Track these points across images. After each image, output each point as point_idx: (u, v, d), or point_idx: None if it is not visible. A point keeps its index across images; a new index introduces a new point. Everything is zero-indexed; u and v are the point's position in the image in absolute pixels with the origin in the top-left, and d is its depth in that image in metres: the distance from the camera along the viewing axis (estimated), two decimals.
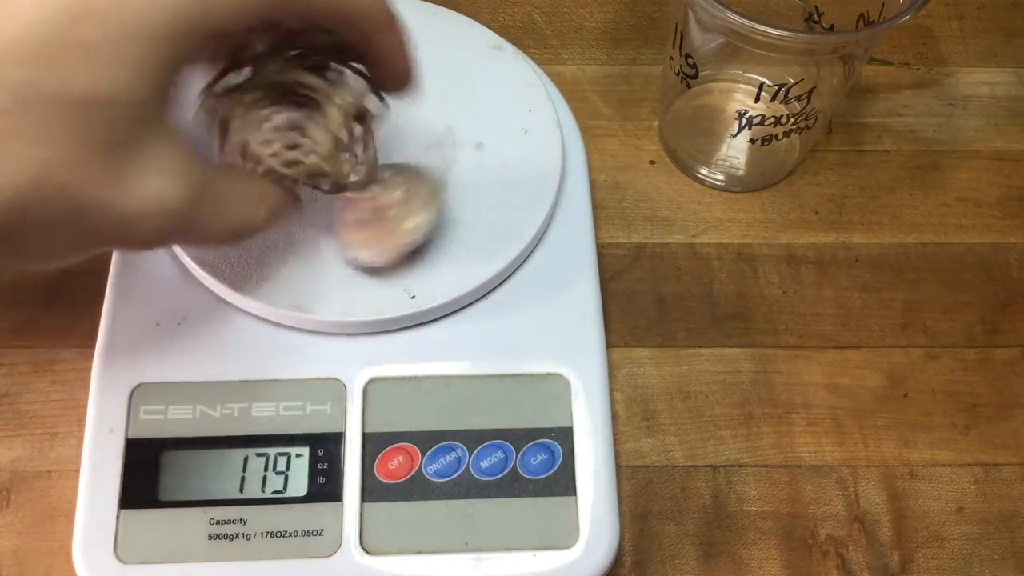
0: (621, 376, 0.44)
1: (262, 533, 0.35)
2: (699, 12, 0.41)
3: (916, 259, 0.48)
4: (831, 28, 0.45)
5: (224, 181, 0.27)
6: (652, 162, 0.51)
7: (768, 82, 0.45)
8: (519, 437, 0.36)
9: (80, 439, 0.36)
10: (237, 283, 0.37)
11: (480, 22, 0.45)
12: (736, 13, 0.37)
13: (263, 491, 0.35)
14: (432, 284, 0.37)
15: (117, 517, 0.34)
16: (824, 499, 0.41)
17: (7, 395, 0.42)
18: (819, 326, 0.45)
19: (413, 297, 0.36)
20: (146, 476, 0.35)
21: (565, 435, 0.37)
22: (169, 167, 0.24)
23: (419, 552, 0.35)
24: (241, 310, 0.37)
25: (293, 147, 0.27)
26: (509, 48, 0.44)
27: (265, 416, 0.36)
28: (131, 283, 0.38)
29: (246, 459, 0.35)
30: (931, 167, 0.51)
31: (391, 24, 0.28)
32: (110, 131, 0.22)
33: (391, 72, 0.30)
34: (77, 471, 0.35)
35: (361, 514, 0.35)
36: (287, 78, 0.26)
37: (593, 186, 0.45)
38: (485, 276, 0.38)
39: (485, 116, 0.42)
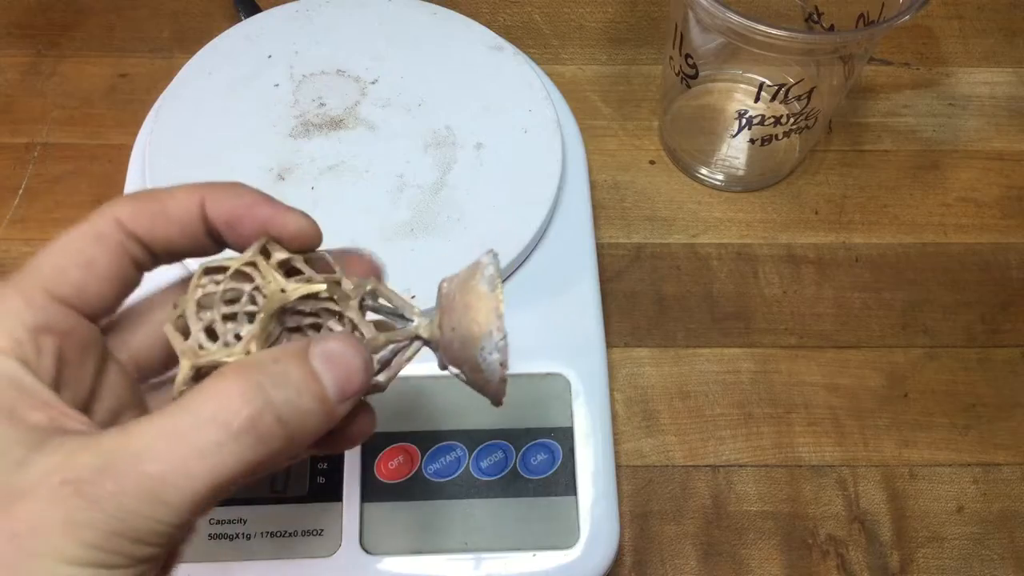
0: (621, 376, 0.44)
1: (262, 533, 0.35)
2: (699, 12, 0.41)
3: (916, 259, 0.48)
4: (831, 28, 0.45)
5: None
6: (652, 162, 0.51)
7: (768, 82, 0.45)
8: (519, 437, 0.36)
9: None
10: None
11: (480, 22, 0.45)
12: (736, 13, 0.37)
13: (263, 491, 0.35)
14: (432, 284, 0.37)
15: None
16: (824, 499, 0.41)
17: None
18: (819, 326, 0.45)
19: (413, 297, 0.36)
20: None
21: (565, 435, 0.37)
22: None
23: (419, 552, 0.35)
24: None
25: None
26: (509, 48, 0.44)
27: None
28: None
29: None
30: (931, 167, 0.51)
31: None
32: None
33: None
34: None
35: (361, 514, 0.35)
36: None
37: (593, 186, 0.45)
38: None
39: (485, 116, 0.42)
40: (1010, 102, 0.54)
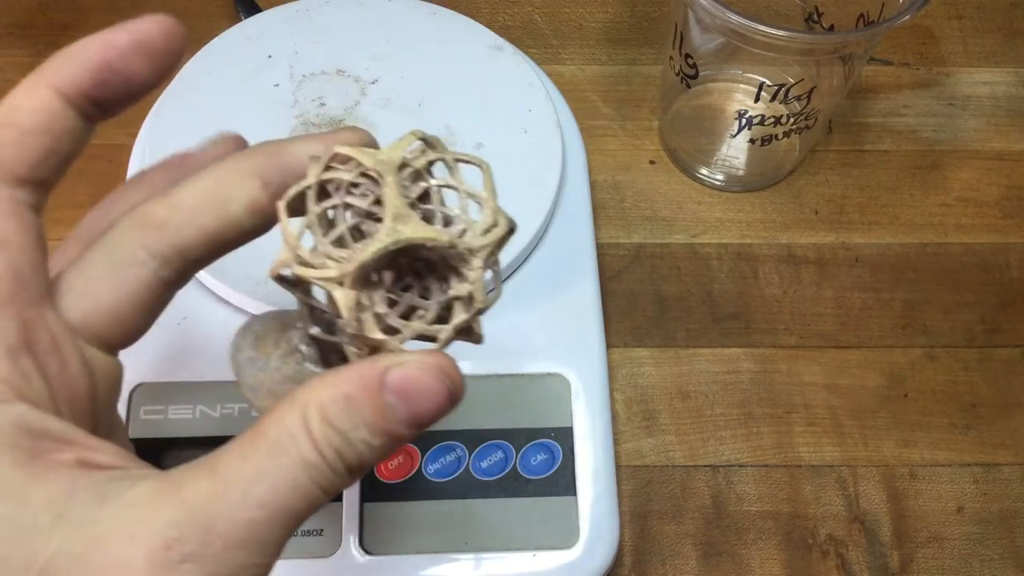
0: (621, 376, 0.44)
1: None
2: (699, 12, 0.41)
3: (916, 259, 0.48)
4: (831, 28, 0.45)
5: None
6: (652, 162, 0.51)
7: (768, 82, 0.45)
8: (519, 437, 0.36)
9: None
10: (237, 283, 0.37)
11: (480, 22, 0.45)
12: (736, 13, 0.37)
13: None
14: None
15: None
16: (824, 499, 0.41)
17: None
18: (819, 326, 0.45)
19: None
20: None
21: (565, 435, 0.37)
22: None
23: (419, 552, 0.35)
24: (241, 310, 0.37)
25: (410, 312, 0.21)
26: (509, 48, 0.44)
27: None
28: None
29: None
30: (931, 167, 0.51)
31: None
32: None
33: None
34: None
35: (361, 514, 0.35)
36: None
37: (593, 186, 0.45)
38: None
39: (485, 116, 0.42)
40: (1010, 102, 0.54)
